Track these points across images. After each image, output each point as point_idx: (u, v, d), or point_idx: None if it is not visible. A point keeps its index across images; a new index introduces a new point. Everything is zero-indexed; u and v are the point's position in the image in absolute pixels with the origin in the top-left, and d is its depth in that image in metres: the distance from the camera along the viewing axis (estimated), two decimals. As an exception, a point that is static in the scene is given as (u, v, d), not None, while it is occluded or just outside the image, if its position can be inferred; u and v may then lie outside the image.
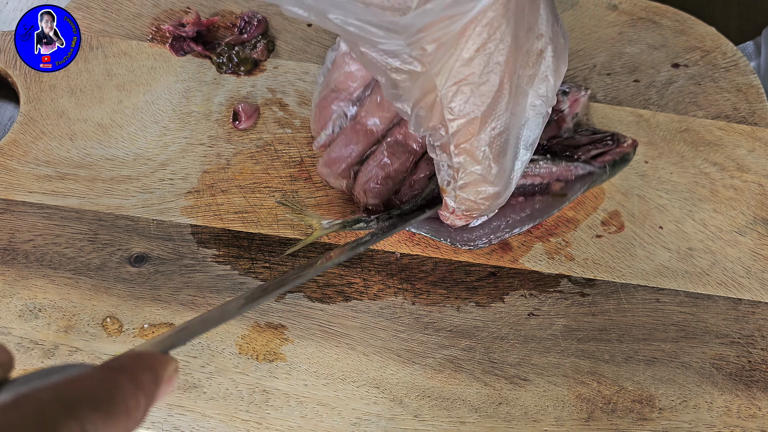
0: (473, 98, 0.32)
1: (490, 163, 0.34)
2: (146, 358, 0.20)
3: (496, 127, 0.33)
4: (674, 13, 0.54)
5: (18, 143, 0.46)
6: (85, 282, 0.41)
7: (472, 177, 0.35)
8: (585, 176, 0.43)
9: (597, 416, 0.39)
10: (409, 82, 0.32)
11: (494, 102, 0.32)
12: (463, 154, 0.34)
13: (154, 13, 0.52)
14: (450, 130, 0.33)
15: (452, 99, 0.32)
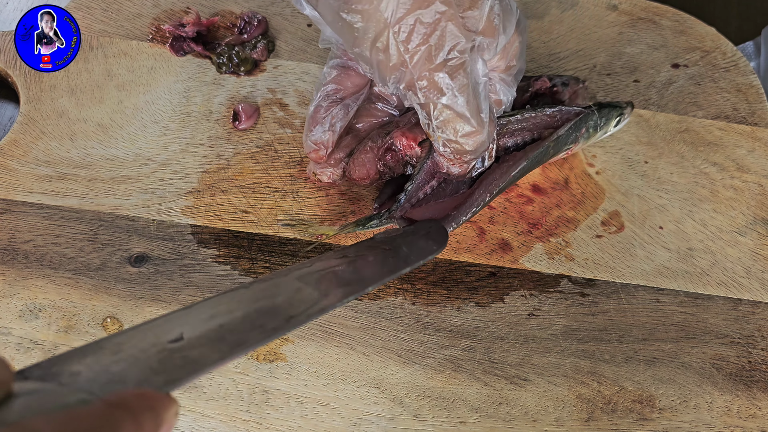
0: (421, 28, 0.34)
1: (454, 92, 0.35)
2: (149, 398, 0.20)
3: (451, 57, 0.35)
4: (674, 14, 0.54)
5: (18, 143, 0.46)
6: (86, 282, 0.41)
7: (444, 113, 0.36)
8: (572, 118, 0.43)
9: (597, 416, 0.39)
10: (361, 23, 0.34)
11: (442, 33, 0.34)
12: (426, 87, 0.35)
13: (154, 13, 0.52)
14: (409, 65, 0.35)
15: (401, 33, 0.34)
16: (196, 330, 0.24)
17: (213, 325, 0.25)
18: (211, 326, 0.25)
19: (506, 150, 0.43)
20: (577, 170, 0.47)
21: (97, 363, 0.21)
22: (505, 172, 0.41)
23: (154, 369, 0.22)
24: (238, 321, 0.26)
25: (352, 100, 0.42)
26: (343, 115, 0.42)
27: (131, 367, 0.21)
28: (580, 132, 0.43)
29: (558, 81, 0.47)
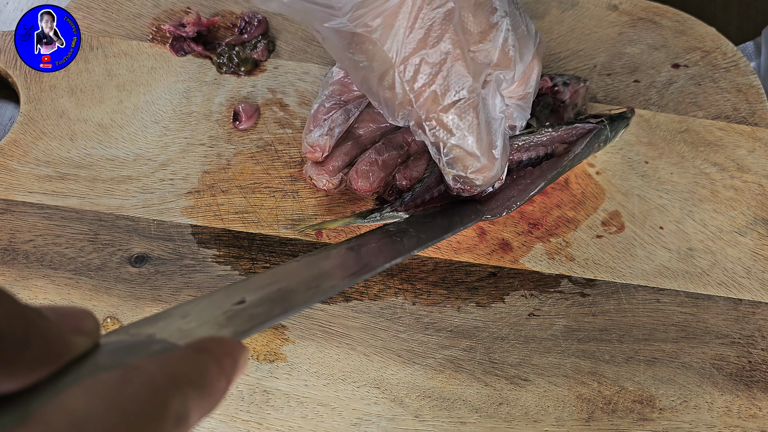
0: (426, 68, 0.33)
1: (464, 132, 0.35)
2: (228, 344, 0.21)
3: (459, 94, 0.34)
4: (674, 14, 0.54)
5: (18, 143, 0.46)
6: (86, 282, 0.41)
7: (454, 151, 0.36)
8: (586, 134, 0.44)
9: (597, 416, 0.39)
10: (366, 62, 0.33)
11: (448, 71, 0.33)
12: (435, 126, 0.35)
13: (155, 14, 0.52)
14: (415, 105, 0.34)
15: (407, 72, 0.33)
16: (257, 294, 0.27)
17: (273, 289, 0.28)
18: (271, 290, 0.27)
19: (519, 164, 0.44)
20: (578, 170, 0.47)
21: (169, 325, 0.22)
22: (523, 190, 0.42)
23: (221, 324, 0.24)
24: (294, 284, 0.29)
25: (354, 105, 0.42)
26: (342, 120, 0.42)
27: (201, 325, 0.23)
28: (593, 147, 0.44)
29: (559, 80, 0.47)
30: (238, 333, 0.23)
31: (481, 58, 0.35)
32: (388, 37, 0.32)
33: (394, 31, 0.32)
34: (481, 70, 0.35)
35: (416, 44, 0.32)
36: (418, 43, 0.33)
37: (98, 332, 0.19)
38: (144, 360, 0.18)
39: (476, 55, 0.34)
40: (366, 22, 0.32)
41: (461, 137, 0.35)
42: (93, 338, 0.19)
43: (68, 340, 0.18)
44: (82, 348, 0.18)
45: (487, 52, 0.35)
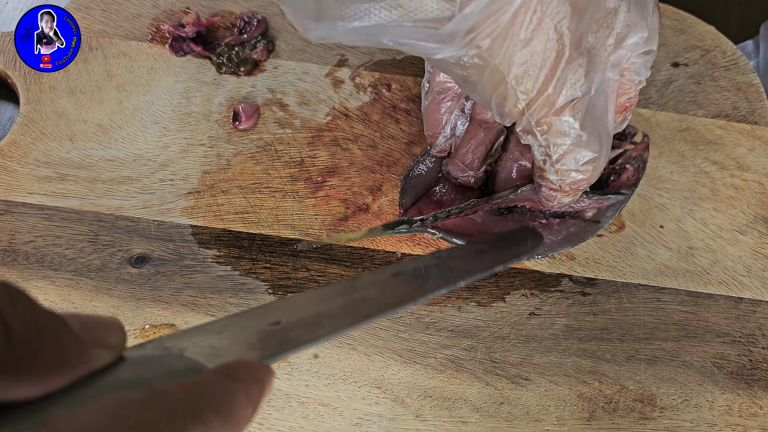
0: (541, 75, 0.32)
1: (578, 132, 0.34)
2: (255, 369, 0.21)
3: (573, 95, 0.33)
4: (674, 12, 0.54)
5: (18, 144, 0.46)
6: (86, 283, 0.41)
7: (565, 148, 0.35)
8: (616, 204, 0.42)
9: (599, 415, 0.39)
10: (476, 77, 0.32)
11: (563, 73, 0.32)
12: (547, 130, 0.34)
13: (154, 14, 0.52)
14: (527, 112, 0.33)
15: (521, 82, 0.32)
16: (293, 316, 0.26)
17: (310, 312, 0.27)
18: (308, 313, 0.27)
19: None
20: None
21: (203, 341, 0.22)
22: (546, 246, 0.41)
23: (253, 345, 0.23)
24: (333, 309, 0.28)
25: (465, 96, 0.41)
26: (460, 115, 0.41)
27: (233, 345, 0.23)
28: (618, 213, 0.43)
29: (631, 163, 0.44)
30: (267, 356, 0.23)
31: (598, 47, 0.33)
32: (500, 52, 0.31)
33: (507, 44, 0.31)
34: (599, 61, 0.34)
35: (529, 55, 0.31)
36: (533, 52, 0.31)
37: (123, 346, 0.19)
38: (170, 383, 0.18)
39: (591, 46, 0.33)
40: (477, 44, 0.30)
41: (575, 137, 0.34)
42: (116, 352, 0.18)
43: (88, 352, 0.17)
44: (102, 361, 0.18)
45: (603, 39, 0.34)
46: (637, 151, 0.43)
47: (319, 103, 0.48)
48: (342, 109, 0.48)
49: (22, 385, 0.15)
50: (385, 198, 0.45)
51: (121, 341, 0.19)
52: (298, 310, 0.27)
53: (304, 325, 0.26)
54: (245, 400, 0.19)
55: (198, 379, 0.19)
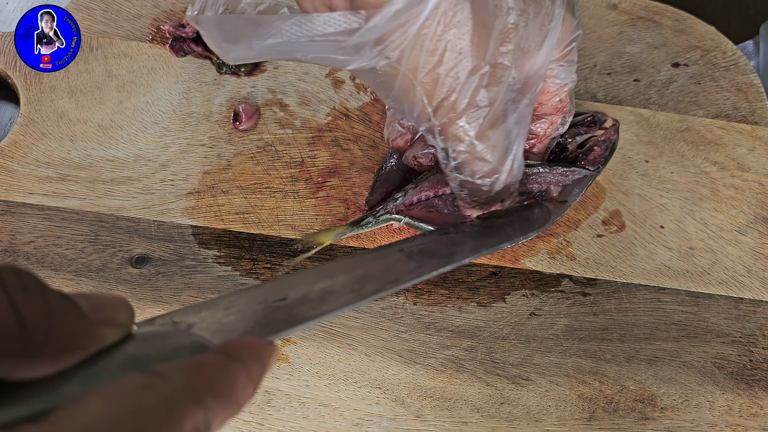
0: (445, 84, 0.33)
1: (472, 140, 0.35)
2: (257, 347, 0.21)
3: (473, 103, 0.34)
4: (674, 12, 0.54)
5: (18, 144, 0.46)
6: (87, 283, 0.41)
7: (463, 156, 0.36)
8: (581, 179, 0.43)
9: (599, 416, 0.39)
10: (389, 84, 0.34)
11: (466, 82, 0.33)
12: (444, 133, 0.35)
13: (154, 14, 0.52)
14: (433, 118, 0.35)
15: (426, 89, 0.33)
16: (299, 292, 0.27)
17: (315, 288, 0.28)
18: (314, 289, 0.27)
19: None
20: (578, 170, 0.47)
21: (211, 316, 0.23)
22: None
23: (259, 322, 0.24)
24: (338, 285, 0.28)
25: None
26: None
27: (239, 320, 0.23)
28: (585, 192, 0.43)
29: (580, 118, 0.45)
30: (272, 332, 0.24)
31: (504, 60, 0.34)
32: (408, 62, 0.32)
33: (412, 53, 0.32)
34: (506, 75, 0.35)
35: (435, 62, 0.32)
36: (437, 60, 0.32)
37: (131, 323, 0.19)
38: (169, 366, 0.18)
39: (500, 60, 0.34)
40: (386, 55, 0.32)
41: (469, 144, 0.35)
42: (125, 329, 0.19)
43: (97, 331, 0.18)
44: (111, 339, 0.18)
45: (508, 52, 0.34)
46: (606, 135, 0.44)
47: (320, 103, 0.49)
48: (342, 110, 0.48)
49: (35, 366, 0.16)
50: (385, 198, 0.45)
51: (129, 319, 0.19)
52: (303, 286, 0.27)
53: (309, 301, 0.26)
54: (246, 381, 0.20)
55: (199, 361, 0.19)
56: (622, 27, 0.54)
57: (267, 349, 0.21)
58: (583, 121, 0.45)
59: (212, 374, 0.19)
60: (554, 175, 0.42)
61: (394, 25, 0.30)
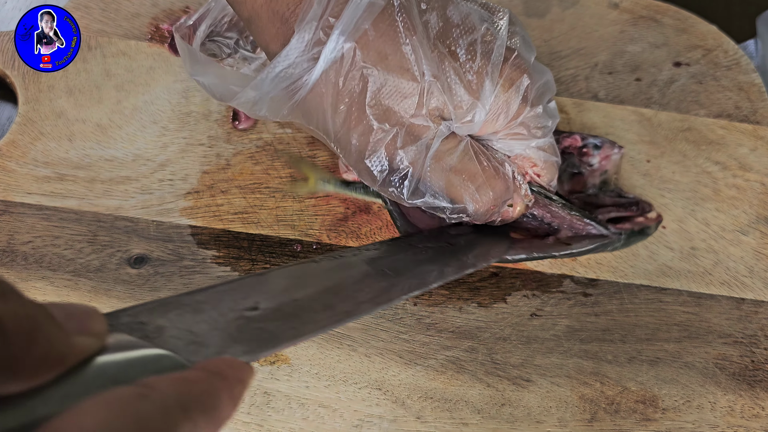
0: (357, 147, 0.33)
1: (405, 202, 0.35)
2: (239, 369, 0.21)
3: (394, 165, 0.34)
4: (675, 12, 0.54)
5: (16, 144, 0.46)
6: (85, 284, 0.41)
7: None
8: (597, 237, 0.41)
9: (600, 417, 0.39)
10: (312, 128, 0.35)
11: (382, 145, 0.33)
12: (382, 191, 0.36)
13: (153, 13, 0.52)
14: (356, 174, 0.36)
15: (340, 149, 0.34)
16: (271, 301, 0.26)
17: (287, 299, 0.27)
18: (285, 300, 0.26)
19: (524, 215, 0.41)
20: (579, 169, 0.47)
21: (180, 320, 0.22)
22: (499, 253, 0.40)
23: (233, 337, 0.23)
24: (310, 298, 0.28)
25: None
26: None
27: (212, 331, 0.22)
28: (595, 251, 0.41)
29: (590, 142, 0.43)
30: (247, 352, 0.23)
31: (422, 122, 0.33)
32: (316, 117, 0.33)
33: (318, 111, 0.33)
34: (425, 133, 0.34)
35: (340, 122, 0.33)
36: (342, 121, 0.33)
37: (105, 332, 0.19)
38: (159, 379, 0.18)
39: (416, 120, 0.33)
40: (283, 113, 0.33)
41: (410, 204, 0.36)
42: (100, 339, 0.18)
43: (74, 341, 0.17)
44: (88, 351, 0.18)
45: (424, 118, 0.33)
46: (646, 223, 0.42)
47: (319, 102, 0.48)
48: (342, 109, 0.48)
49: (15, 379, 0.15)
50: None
51: (103, 328, 0.19)
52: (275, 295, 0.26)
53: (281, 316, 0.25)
54: (228, 399, 0.20)
55: (185, 375, 0.19)
56: (624, 26, 0.53)
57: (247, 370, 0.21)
58: (627, 204, 0.43)
59: (199, 389, 0.19)
60: (569, 218, 0.40)
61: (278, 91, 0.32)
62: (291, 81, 0.31)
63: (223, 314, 0.24)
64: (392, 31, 0.31)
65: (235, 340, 0.23)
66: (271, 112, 0.33)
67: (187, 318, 0.22)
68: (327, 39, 0.30)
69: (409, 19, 0.31)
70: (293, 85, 0.32)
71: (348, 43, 0.31)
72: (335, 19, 0.30)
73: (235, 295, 0.25)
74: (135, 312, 0.21)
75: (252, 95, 0.33)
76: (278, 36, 0.32)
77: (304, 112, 0.33)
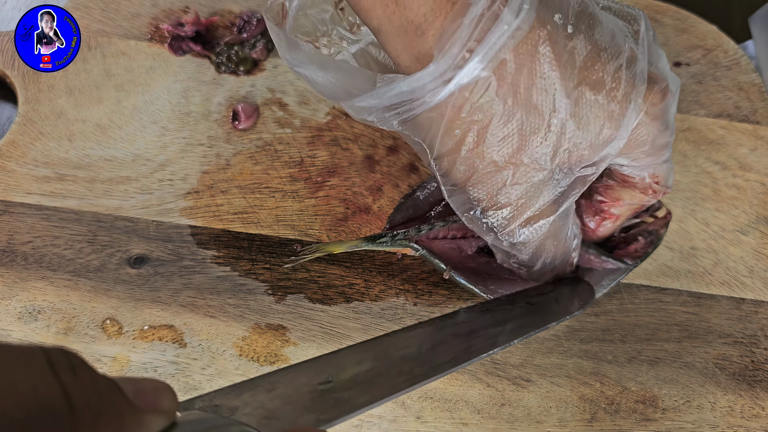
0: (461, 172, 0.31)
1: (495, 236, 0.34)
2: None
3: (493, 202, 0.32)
4: (675, 12, 0.54)
5: (16, 144, 0.46)
6: (85, 284, 0.41)
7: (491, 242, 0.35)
8: (614, 271, 0.40)
9: (600, 417, 0.39)
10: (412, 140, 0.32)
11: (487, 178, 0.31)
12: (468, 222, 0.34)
13: (153, 13, 0.52)
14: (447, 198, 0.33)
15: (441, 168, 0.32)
16: (344, 374, 0.26)
17: (361, 370, 0.26)
18: (360, 370, 0.26)
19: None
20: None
21: (254, 399, 0.22)
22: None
23: (307, 408, 0.23)
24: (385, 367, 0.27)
25: None
26: None
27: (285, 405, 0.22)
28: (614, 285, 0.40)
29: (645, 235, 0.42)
30: (321, 421, 0.23)
31: (543, 163, 0.31)
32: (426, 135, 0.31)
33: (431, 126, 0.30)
34: (538, 176, 0.31)
35: (452, 145, 0.30)
36: (454, 144, 0.30)
37: (175, 409, 0.18)
38: None
39: (538, 160, 0.31)
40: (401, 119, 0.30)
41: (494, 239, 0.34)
42: (169, 416, 0.18)
43: (143, 418, 0.17)
44: (157, 428, 0.18)
45: (546, 156, 0.30)
46: (654, 226, 0.41)
47: (319, 102, 0.48)
48: (342, 109, 0.48)
49: None
50: (386, 198, 0.45)
51: (173, 405, 0.18)
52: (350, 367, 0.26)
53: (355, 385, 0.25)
54: None
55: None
56: (623, 26, 0.53)
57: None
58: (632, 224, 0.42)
59: None
60: (585, 256, 0.39)
61: (399, 101, 0.29)
62: (415, 98, 0.29)
63: (296, 390, 0.24)
64: (532, 63, 0.28)
65: (308, 410, 0.23)
66: (381, 121, 0.31)
67: (261, 397, 0.22)
68: (464, 63, 0.28)
69: (553, 50, 0.28)
70: (415, 102, 0.29)
71: (485, 72, 0.28)
72: (477, 43, 0.27)
73: (308, 372, 0.25)
74: (209, 396, 0.21)
75: (372, 103, 0.30)
76: (410, 48, 0.29)
77: (414, 125, 0.31)
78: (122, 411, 0.16)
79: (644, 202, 0.37)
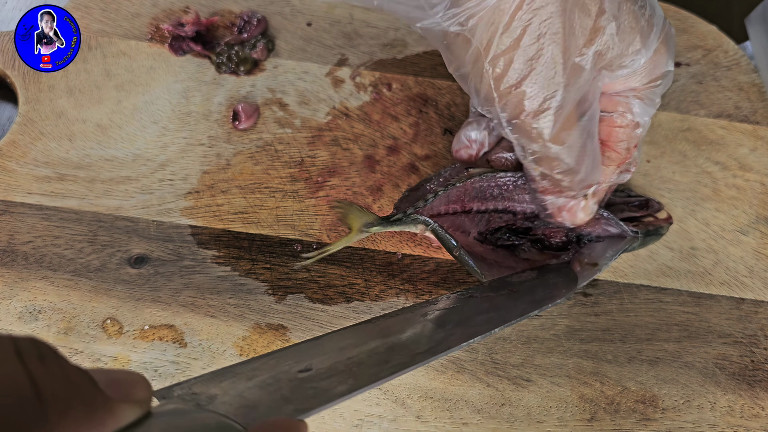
0: (516, 69, 0.32)
1: (545, 142, 0.34)
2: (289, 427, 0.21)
3: (547, 103, 0.32)
4: (675, 12, 0.54)
5: (17, 144, 0.46)
6: (85, 283, 0.41)
7: (538, 153, 0.35)
8: (615, 238, 0.40)
9: (600, 417, 0.39)
10: (459, 51, 0.33)
11: (543, 77, 0.32)
12: (516, 131, 0.34)
13: (153, 13, 0.52)
14: (497, 104, 0.33)
15: (495, 70, 0.32)
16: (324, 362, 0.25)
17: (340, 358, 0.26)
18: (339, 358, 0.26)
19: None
20: (579, 169, 0.47)
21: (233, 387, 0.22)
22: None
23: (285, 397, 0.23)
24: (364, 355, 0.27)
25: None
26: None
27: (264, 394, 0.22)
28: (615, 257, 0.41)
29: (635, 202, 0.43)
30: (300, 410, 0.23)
31: (585, 61, 0.33)
32: (481, 34, 0.31)
33: (489, 28, 0.31)
34: (581, 75, 0.33)
35: (510, 43, 0.31)
36: (512, 42, 0.31)
37: (149, 401, 0.18)
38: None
39: (581, 60, 0.32)
40: (460, 21, 0.31)
41: (542, 146, 0.34)
42: (143, 408, 0.18)
43: (115, 408, 0.17)
44: (130, 418, 0.18)
45: (590, 57, 0.32)
46: (656, 223, 0.42)
47: (320, 102, 0.48)
48: (342, 109, 0.48)
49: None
50: (386, 198, 0.45)
51: (147, 396, 0.18)
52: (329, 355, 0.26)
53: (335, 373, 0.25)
54: None
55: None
56: (623, 26, 0.53)
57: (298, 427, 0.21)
58: (635, 204, 0.43)
59: None
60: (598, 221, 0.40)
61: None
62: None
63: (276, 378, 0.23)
64: None
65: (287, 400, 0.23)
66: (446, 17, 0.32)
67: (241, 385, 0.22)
68: None
69: None
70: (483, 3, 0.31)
71: None
72: None
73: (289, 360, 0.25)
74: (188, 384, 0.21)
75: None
76: None
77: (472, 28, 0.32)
78: (93, 400, 0.16)
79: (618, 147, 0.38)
